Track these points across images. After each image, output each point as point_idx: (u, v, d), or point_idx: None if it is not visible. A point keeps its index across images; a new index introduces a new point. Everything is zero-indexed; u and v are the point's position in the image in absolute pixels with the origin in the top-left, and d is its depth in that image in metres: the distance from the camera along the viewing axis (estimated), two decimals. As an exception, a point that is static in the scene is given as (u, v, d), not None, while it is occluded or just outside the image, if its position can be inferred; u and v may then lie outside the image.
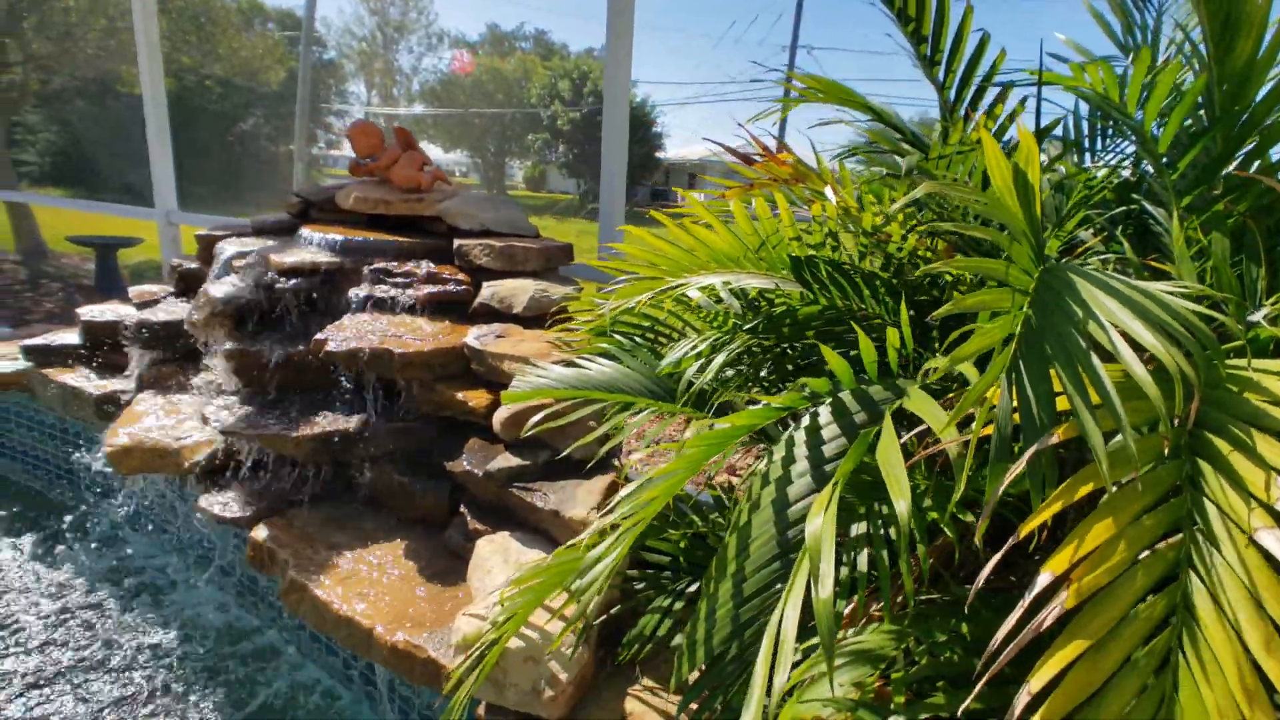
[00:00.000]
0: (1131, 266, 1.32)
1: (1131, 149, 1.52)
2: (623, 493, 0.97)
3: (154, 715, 2.02)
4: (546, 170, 36.20)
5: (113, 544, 2.91)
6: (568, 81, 29.14)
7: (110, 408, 2.94)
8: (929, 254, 1.34)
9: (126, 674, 2.17)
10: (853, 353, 1.45)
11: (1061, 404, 0.72)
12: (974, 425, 0.71)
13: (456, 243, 2.60)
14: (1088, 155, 1.61)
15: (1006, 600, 0.99)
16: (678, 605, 1.46)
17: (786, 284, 1.30)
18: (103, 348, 3.20)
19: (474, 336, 2.22)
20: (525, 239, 2.65)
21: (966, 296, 0.88)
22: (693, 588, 1.50)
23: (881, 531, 1.03)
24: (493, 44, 36.35)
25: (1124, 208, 1.49)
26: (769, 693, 0.72)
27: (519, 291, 2.37)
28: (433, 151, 38.15)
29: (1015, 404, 0.70)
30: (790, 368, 1.48)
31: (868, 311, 1.38)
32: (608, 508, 1.25)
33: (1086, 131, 1.52)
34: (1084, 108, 1.60)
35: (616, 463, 2.15)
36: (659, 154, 32.88)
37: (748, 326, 1.38)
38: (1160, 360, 0.67)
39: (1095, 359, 0.71)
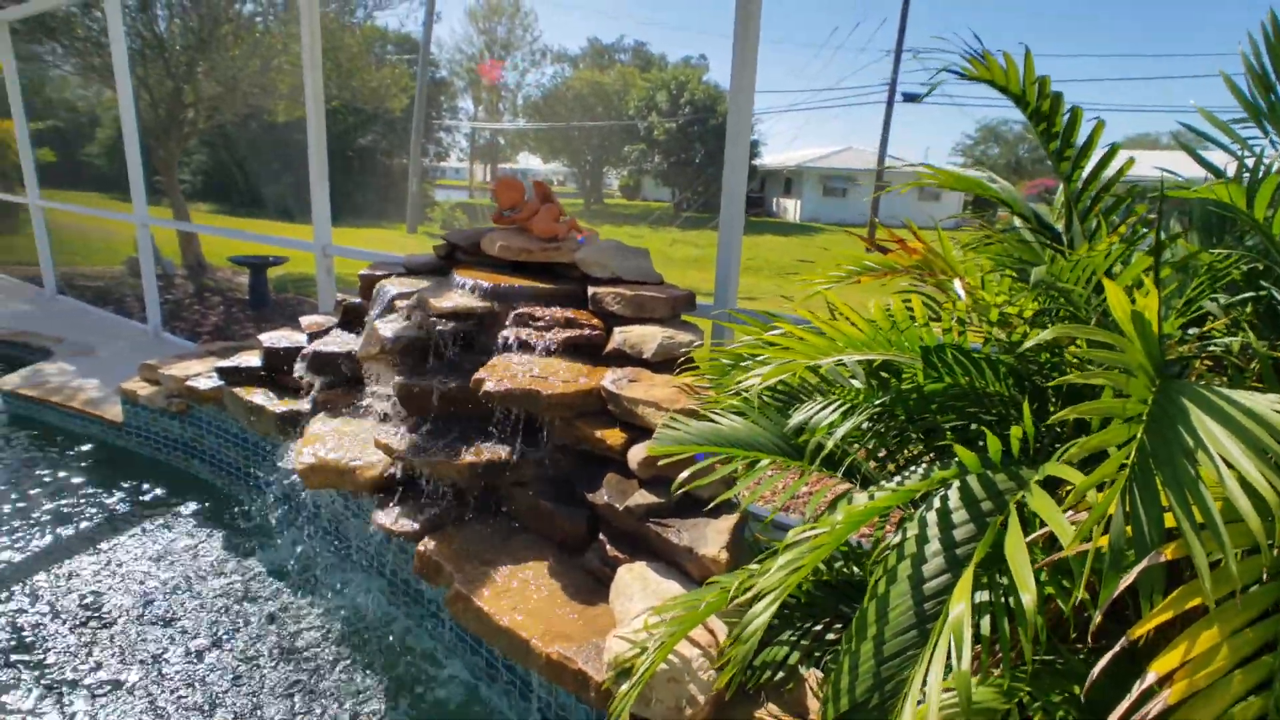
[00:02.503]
0: (1258, 357, 1.40)
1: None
2: (781, 559, 1.17)
3: (312, 684, 2.40)
4: (641, 179, 36.82)
5: (282, 540, 3.40)
6: (665, 92, 29.57)
7: (288, 424, 3.42)
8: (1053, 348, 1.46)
9: (290, 647, 2.57)
10: (973, 426, 1.59)
11: (1169, 520, 0.86)
12: (1093, 535, 0.86)
13: (591, 290, 2.88)
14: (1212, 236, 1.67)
15: (1117, 670, 1.12)
16: (804, 641, 1.64)
17: (914, 362, 1.46)
18: (280, 371, 3.70)
19: (610, 380, 2.48)
20: (652, 287, 2.89)
21: (1083, 405, 1.03)
22: (817, 627, 1.67)
23: (1003, 599, 1.19)
24: (593, 57, 37.35)
25: (1253, 293, 1.55)
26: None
27: (648, 338, 2.61)
28: (533, 162, 39.62)
29: (1128, 523, 0.85)
30: (914, 435, 1.64)
31: (989, 390, 1.52)
32: (729, 529, 1.45)
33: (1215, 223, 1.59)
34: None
35: (734, 500, 2.34)
36: (755, 161, 32.76)
37: (878, 401, 1.55)
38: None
39: (1203, 487, 0.85)
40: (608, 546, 2.22)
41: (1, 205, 8.87)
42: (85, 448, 4.32)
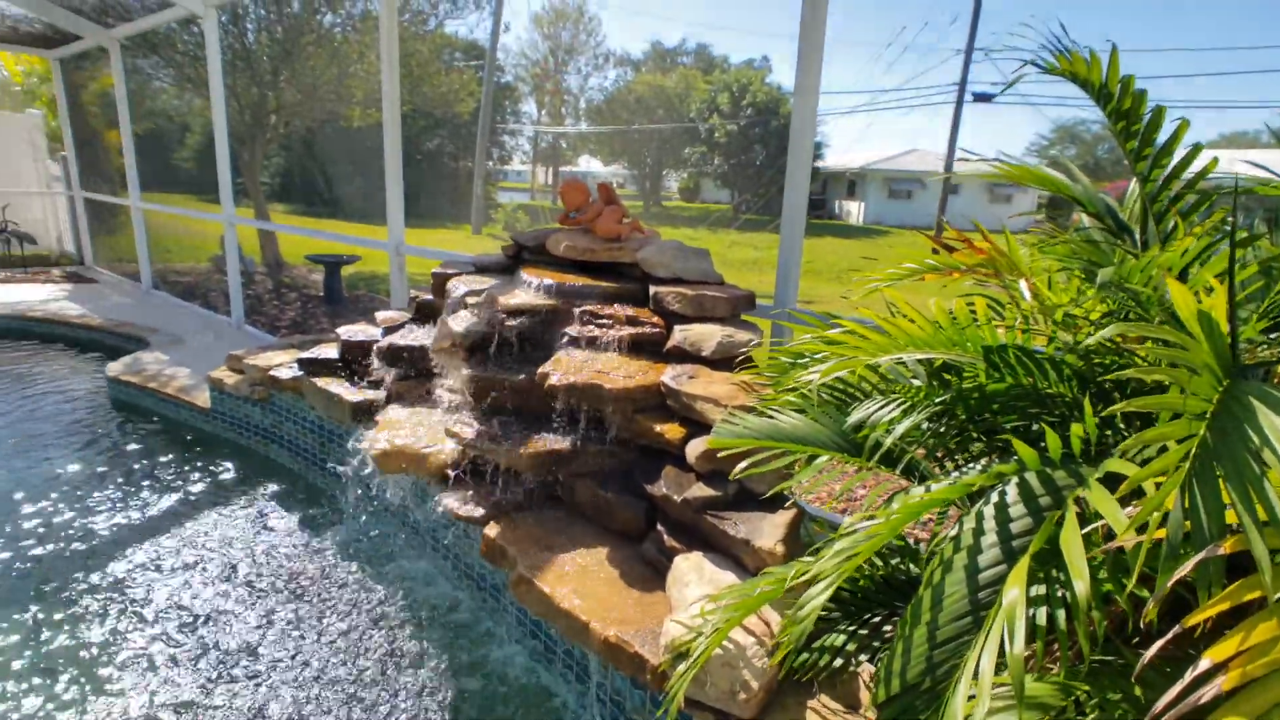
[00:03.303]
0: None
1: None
2: (837, 545, 1.21)
3: (377, 654, 2.54)
4: (701, 181, 36.82)
5: (355, 522, 3.60)
6: (726, 94, 29.49)
7: (362, 413, 3.61)
8: (1117, 342, 1.45)
9: (359, 620, 2.73)
10: (1034, 427, 1.59)
11: (1230, 516, 0.87)
12: (1149, 527, 0.88)
13: (652, 289, 2.96)
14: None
15: (1177, 668, 1.11)
16: (862, 631, 1.67)
17: (975, 362, 1.48)
18: (356, 362, 3.91)
19: (670, 376, 2.55)
20: (713, 287, 2.95)
21: (1145, 398, 1.04)
22: (875, 619, 1.70)
23: (1059, 593, 1.20)
24: (655, 60, 37.55)
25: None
26: (962, 721, 0.93)
27: (708, 336, 2.67)
28: (594, 164, 40.11)
29: (1186, 518, 0.87)
30: (975, 435, 1.64)
31: (1053, 391, 1.52)
32: (786, 524, 1.50)
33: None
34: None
35: (791, 495, 2.38)
36: (818, 163, 32.34)
37: (938, 399, 1.56)
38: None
39: (1267, 484, 0.85)
40: (665, 537, 2.29)
41: (107, 209, 9.57)
42: (177, 431, 4.65)
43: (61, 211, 10.67)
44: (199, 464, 4.19)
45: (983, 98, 20.88)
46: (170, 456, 4.27)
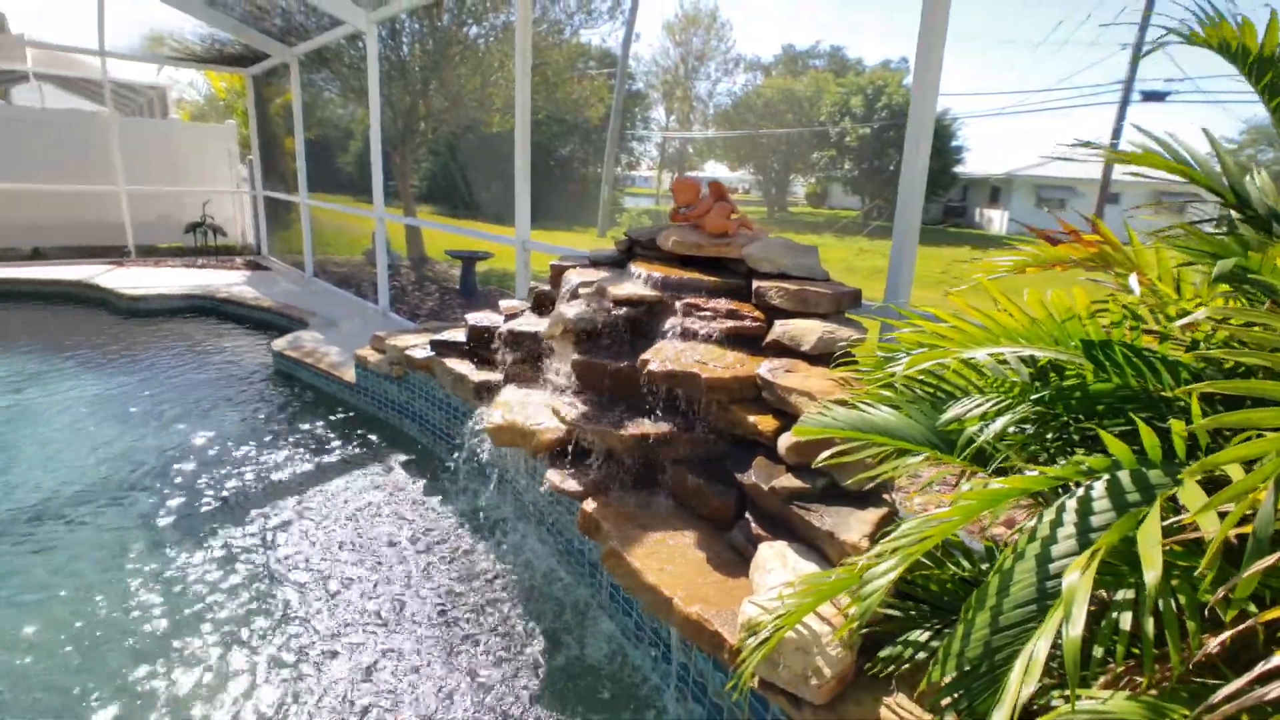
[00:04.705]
0: None
1: None
2: (904, 527, 1.21)
3: (479, 618, 2.73)
4: (829, 186, 35.84)
5: (471, 491, 3.89)
6: (860, 97, 28.55)
7: (484, 392, 3.89)
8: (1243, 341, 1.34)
9: (469, 581, 2.95)
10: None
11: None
12: (1225, 523, 0.84)
13: (755, 284, 2.99)
14: None
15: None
16: (947, 630, 1.63)
17: (1077, 359, 1.41)
18: (480, 346, 4.21)
19: (766, 368, 2.57)
20: (818, 283, 2.94)
21: (1241, 381, 0.97)
22: (954, 617, 1.65)
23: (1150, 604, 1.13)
24: (786, 64, 37.00)
25: None
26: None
27: (808, 332, 2.67)
28: (719, 170, 40.09)
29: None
30: (1077, 438, 1.56)
31: (1166, 393, 1.42)
32: (884, 534, 1.49)
33: None
34: None
35: (887, 497, 2.33)
36: (957, 169, 30.52)
37: (1034, 396, 1.51)
38: None
39: (1373, 482, 0.79)
40: (753, 525, 2.32)
41: (281, 206, 10.81)
42: (326, 400, 5.22)
43: (246, 208, 12.21)
44: (342, 430, 4.68)
45: (1153, 96, 18.86)
46: (319, 422, 4.80)
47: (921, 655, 1.60)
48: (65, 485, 3.75)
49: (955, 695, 1.06)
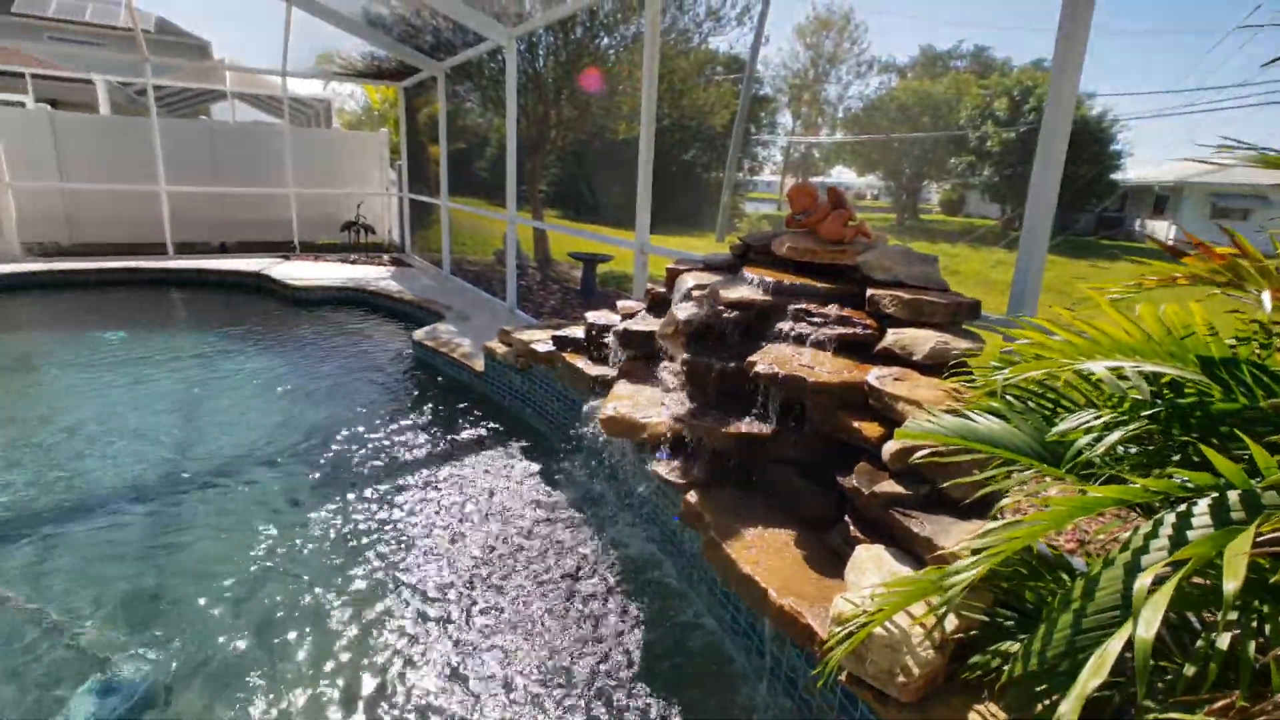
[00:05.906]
0: None
1: None
2: (991, 526, 1.25)
3: (585, 598, 2.91)
4: (966, 193, 33.83)
5: (580, 477, 4.12)
6: (1005, 99, 26.75)
7: (598, 386, 4.12)
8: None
9: (575, 562, 3.15)
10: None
11: None
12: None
13: (869, 292, 3.00)
14: None
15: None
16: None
17: (1192, 374, 1.37)
18: (597, 343, 4.45)
19: (874, 376, 2.59)
20: (934, 293, 2.90)
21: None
22: (1052, 637, 1.64)
23: (1254, 624, 1.11)
24: (924, 66, 35.34)
25: None
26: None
27: (921, 341, 2.66)
28: (847, 175, 38.91)
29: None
30: (1196, 460, 1.51)
31: (1298, 416, 1.35)
32: (977, 532, 1.51)
33: None
34: None
35: (995, 515, 2.29)
36: (1115, 175, 27.84)
37: (1147, 412, 1.47)
38: None
39: None
40: (851, 528, 2.36)
41: (424, 208, 11.75)
42: (457, 387, 5.68)
43: (393, 209, 13.39)
44: (470, 415, 5.09)
45: (1366, 91, 16.28)
46: (450, 406, 5.25)
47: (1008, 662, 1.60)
48: (245, 450, 4.38)
49: (1031, 691, 1.10)
